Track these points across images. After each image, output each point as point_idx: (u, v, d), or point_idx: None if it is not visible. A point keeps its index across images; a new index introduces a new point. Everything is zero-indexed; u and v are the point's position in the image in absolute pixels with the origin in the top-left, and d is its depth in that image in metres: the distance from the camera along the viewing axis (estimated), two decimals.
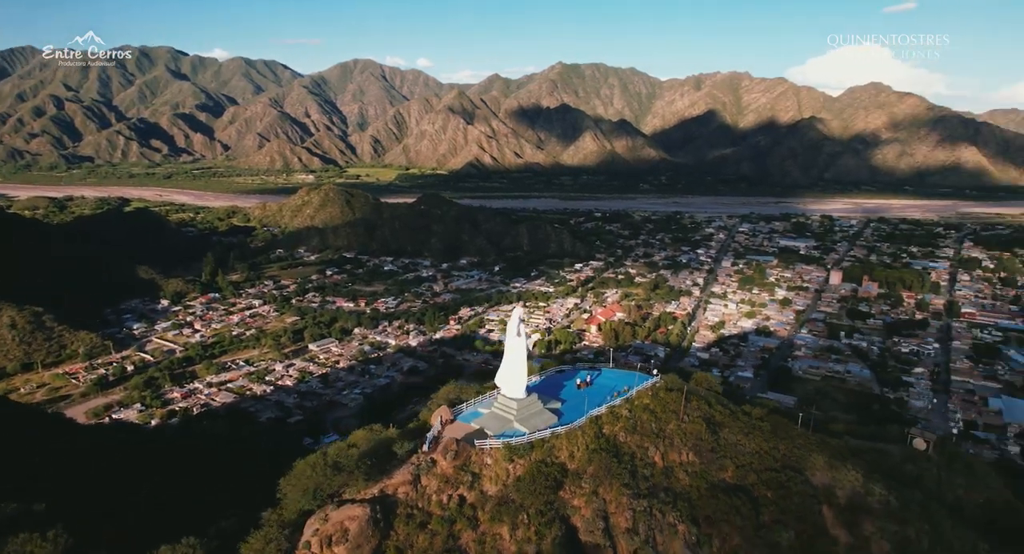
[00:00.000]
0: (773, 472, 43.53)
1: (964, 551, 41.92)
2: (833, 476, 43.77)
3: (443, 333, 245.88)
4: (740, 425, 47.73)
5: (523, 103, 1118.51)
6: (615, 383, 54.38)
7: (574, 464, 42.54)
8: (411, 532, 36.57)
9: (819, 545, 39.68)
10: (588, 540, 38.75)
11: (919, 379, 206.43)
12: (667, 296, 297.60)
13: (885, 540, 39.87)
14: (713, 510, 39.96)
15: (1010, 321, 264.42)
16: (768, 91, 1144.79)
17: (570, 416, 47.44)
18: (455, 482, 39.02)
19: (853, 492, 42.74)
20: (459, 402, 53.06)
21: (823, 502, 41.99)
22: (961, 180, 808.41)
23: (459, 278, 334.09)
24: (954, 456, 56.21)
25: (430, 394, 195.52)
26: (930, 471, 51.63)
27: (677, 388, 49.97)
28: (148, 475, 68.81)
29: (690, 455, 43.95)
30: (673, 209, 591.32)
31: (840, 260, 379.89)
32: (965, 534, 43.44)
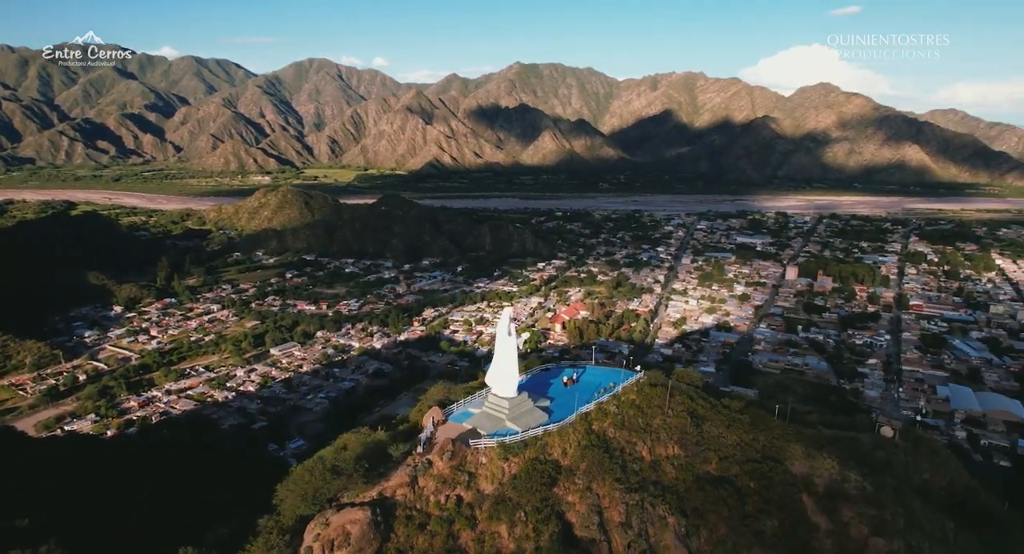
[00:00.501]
0: (755, 463, 44.59)
1: (934, 531, 43.70)
2: (811, 465, 45.10)
3: (407, 335, 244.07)
4: (721, 418, 48.76)
5: (482, 103, 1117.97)
6: (600, 380, 54.98)
7: (567, 461, 42.88)
8: (411, 533, 36.30)
9: (801, 532, 40.79)
10: (584, 535, 39.09)
11: (873, 370, 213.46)
12: (629, 294, 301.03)
13: (863, 524, 41.25)
14: (700, 502, 40.76)
15: (954, 312, 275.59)
16: (722, 91, 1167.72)
17: (560, 414, 47.72)
18: (452, 482, 38.95)
19: (830, 480, 44.12)
20: (448, 403, 52.76)
21: (803, 490, 43.19)
22: (906, 177, 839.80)
23: (422, 279, 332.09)
24: (919, 442, 58.55)
25: (396, 396, 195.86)
26: (898, 457, 53.70)
27: (661, 384, 50.76)
28: (130, 485, 66.70)
29: (676, 448, 44.72)
30: (632, 208, 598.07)
31: (795, 256, 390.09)
32: (934, 515, 45.30)
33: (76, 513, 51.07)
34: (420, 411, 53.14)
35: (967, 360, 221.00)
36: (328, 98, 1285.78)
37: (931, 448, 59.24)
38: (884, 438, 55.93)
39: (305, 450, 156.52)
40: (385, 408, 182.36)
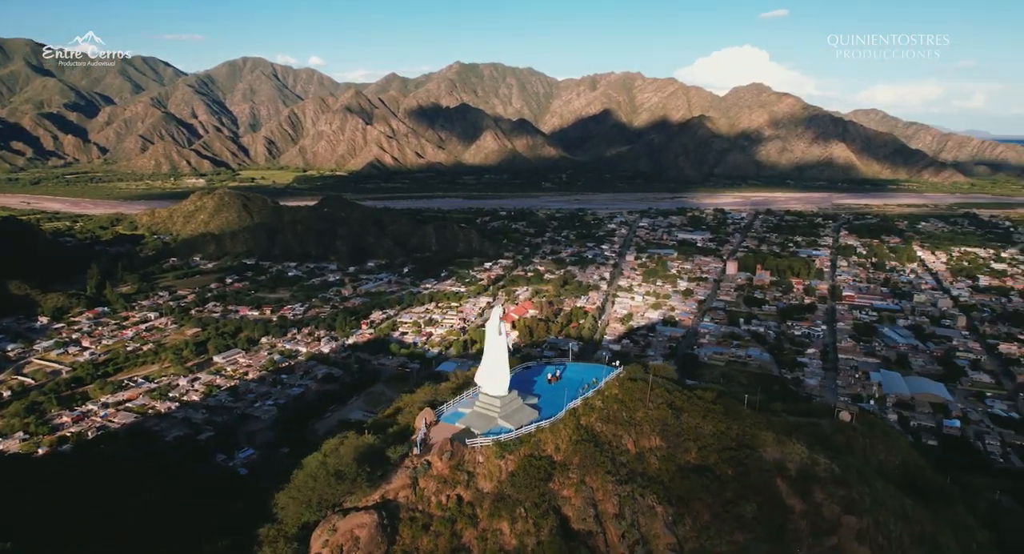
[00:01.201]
0: (731, 451, 46.26)
1: (895, 508, 46.44)
2: (782, 451, 47.11)
3: (356, 338, 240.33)
4: (697, 409, 50.35)
5: (422, 102, 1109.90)
6: (583, 376, 55.91)
7: (560, 456, 43.44)
8: (416, 534, 36.16)
9: (778, 514, 42.60)
10: (580, 527, 39.76)
11: (811, 359, 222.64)
12: (576, 291, 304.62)
13: (835, 504, 43.44)
14: (684, 490, 42.01)
15: (883, 302, 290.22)
16: (660, 91, 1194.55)
17: (548, 410, 48.33)
18: (452, 482, 39.00)
19: (801, 464, 46.19)
20: (434, 404, 52.51)
21: (777, 475, 45.07)
22: (834, 174, 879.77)
23: (368, 281, 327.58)
24: (873, 425, 61.93)
25: (347, 401, 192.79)
26: (856, 439, 56.69)
27: (639, 378, 52.00)
28: (74, 505, 63.44)
29: (658, 440, 45.91)
30: (575, 206, 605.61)
31: (734, 251, 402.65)
32: (894, 493, 48.09)
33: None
34: (413, 413, 52.71)
35: (895, 347, 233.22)
36: (264, 98, 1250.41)
37: (884, 430, 62.91)
38: (842, 422, 59.08)
39: (256, 459, 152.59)
40: (337, 413, 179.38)
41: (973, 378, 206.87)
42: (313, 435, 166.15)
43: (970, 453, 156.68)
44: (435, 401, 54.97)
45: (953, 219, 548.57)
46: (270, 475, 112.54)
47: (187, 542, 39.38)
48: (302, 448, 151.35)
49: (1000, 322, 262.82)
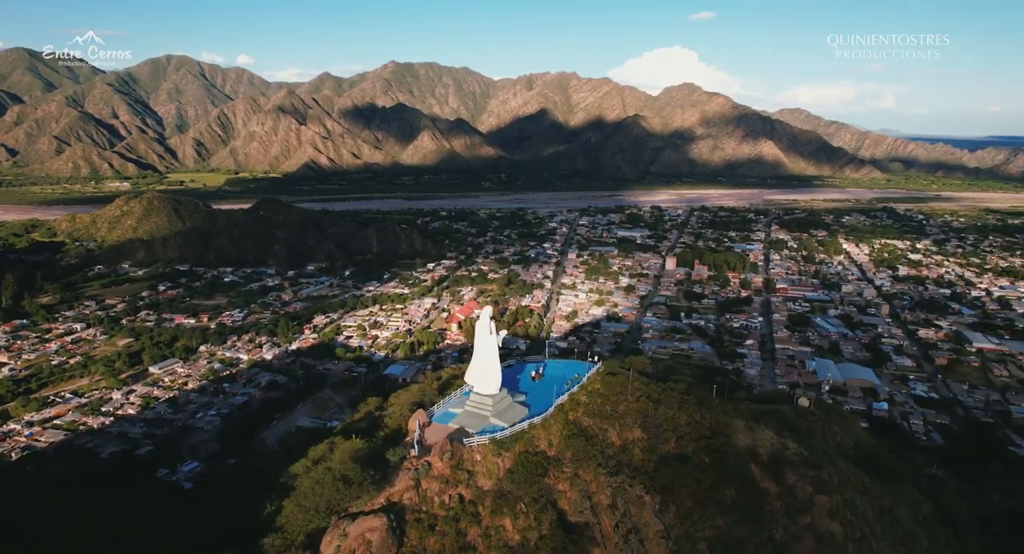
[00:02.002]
0: (707, 439, 47.84)
1: (858, 485, 49.16)
2: (753, 437, 49.05)
3: (299, 343, 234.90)
4: (673, 400, 51.76)
5: (357, 102, 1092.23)
6: (564, 372, 56.61)
7: (553, 451, 43.92)
8: (423, 535, 35.95)
9: (754, 497, 44.38)
10: (578, 520, 40.35)
11: (750, 350, 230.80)
12: (521, 290, 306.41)
13: (807, 484, 45.59)
14: (667, 479, 43.18)
15: (814, 293, 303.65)
16: (595, 90, 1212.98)
17: (537, 407, 48.78)
18: (453, 481, 38.93)
19: (772, 448, 48.23)
20: (421, 405, 52.00)
21: (751, 460, 46.90)
22: (763, 171, 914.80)
23: (308, 285, 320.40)
24: (830, 410, 65.15)
25: (294, 407, 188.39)
26: (816, 423, 59.57)
27: (617, 372, 53.09)
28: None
29: (639, 432, 47.02)
30: (516, 206, 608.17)
31: (673, 247, 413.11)
32: (855, 471, 50.83)
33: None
34: (403, 416, 52.05)
35: (827, 335, 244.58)
36: (191, 98, 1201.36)
37: (839, 414, 66.35)
38: (802, 408, 62.01)
39: (201, 472, 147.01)
40: (284, 421, 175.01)
41: (897, 363, 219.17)
42: (260, 444, 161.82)
43: (897, 433, 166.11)
44: (420, 402, 54.58)
45: (873, 213, 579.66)
46: (219, 487, 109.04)
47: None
48: (250, 458, 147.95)
49: (918, 309, 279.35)
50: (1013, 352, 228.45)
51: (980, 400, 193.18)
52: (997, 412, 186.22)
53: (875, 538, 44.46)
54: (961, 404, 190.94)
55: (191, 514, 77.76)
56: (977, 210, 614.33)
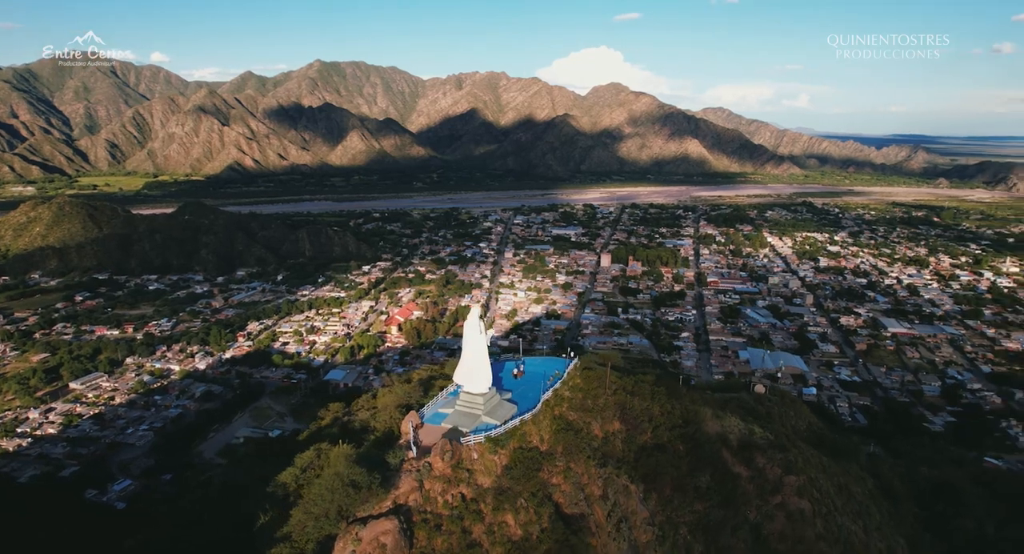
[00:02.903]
0: (679, 428, 49.40)
1: (818, 465, 51.96)
2: (722, 424, 51.00)
3: (234, 352, 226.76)
4: (645, 392, 53.12)
5: (282, 102, 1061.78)
6: (544, 369, 57.02)
7: (544, 446, 44.24)
8: (431, 535, 35.63)
9: (727, 482, 46.17)
10: (573, 511, 40.83)
11: (686, 342, 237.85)
12: (459, 290, 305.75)
13: (775, 466, 47.73)
14: (648, 468, 44.32)
15: (743, 285, 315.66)
16: (524, 90, 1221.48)
17: (524, 404, 49.04)
18: (455, 481, 38.77)
19: (741, 434, 50.28)
20: (408, 407, 51.30)
21: (722, 446, 48.74)
22: (689, 168, 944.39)
23: (240, 291, 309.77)
24: (783, 396, 68.33)
25: (232, 418, 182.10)
26: (774, 409, 62.41)
27: (592, 366, 54.03)
28: None
29: (618, 424, 48.02)
30: (449, 205, 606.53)
31: (606, 244, 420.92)
32: (813, 452, 53.69)
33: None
34: (394, 418, 51.18)
35: (758, 326, 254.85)
36: (101, 97, 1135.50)
37: (791, 399, 69.78)
38: (758, 395, 64.92)
39: (135, 490, 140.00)
40: (222, 432, 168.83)
41: (823, 349, 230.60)
42: (199, 458, 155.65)
43: (826, 416, 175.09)
44: (407, 404, 54.05)
45: (793, 207, 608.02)
46: (159, 505, 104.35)
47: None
48: (187, 473, 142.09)
49: (839, 298, 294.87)
50: (923, 335, 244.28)
51: (896, 381, 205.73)
52: (911, 392, 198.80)
53: (838, 513, 47.23)
54: (880, 385, 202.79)
55: (134, 533, 74.37)
56: (885, 203, 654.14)
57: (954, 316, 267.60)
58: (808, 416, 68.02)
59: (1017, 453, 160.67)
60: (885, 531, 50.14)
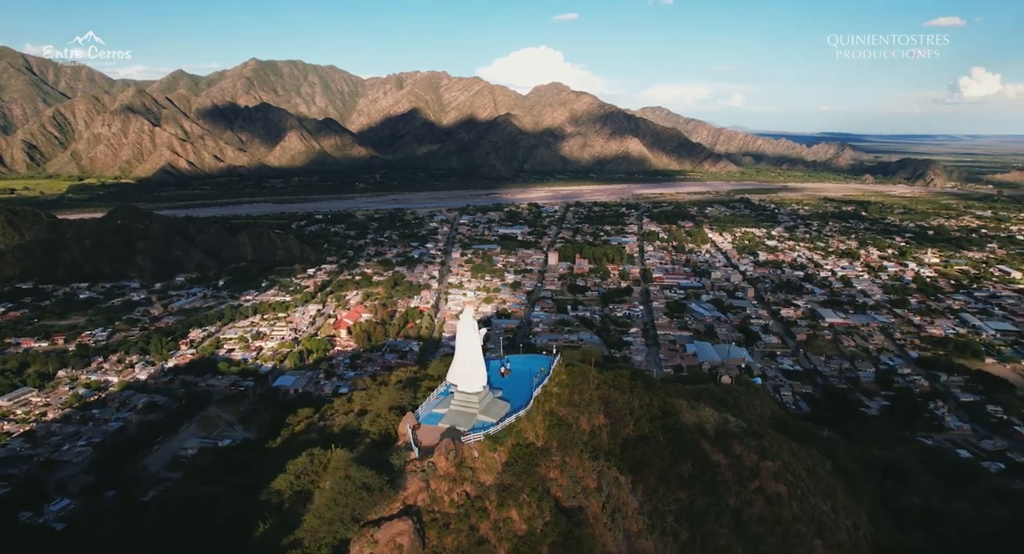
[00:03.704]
0: (659, 420, 50.50)
1: (790, 450, 53.99)
2: (697, 415, 52.41)
3: (176, 360, 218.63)
4: (624, 386, 54.06)
5: (217, 102, 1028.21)
6: (530, 366, 57.07)
7: (540, 441, 44.41)
8: (440, 534, 35.28)
9: (707, 469, 47.52)
10: (571, 504, 41.15)
11: (635, 337, 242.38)
12: (408, 292, 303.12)
13: (752, 453, 49.35)
14: (634, 460, 45.21)
15: (687, 280, 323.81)
16: (466, 89, 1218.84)
17: (516, 401, 48.99)
18: (459, 479, 38.48)
19: (716, 423, 51.79)
20: (401, 409, 50.48)
21: (700, 436, 50.07)
22: (630, 166, 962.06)
23: (179, 298, 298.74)
24: (748, 385, 70.65)
25: (178, 428, 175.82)
26: (740, 398, 64.42)
27: (573, 363, 54.55)
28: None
29: (603, 418, 48.75)
30: (393, 206, 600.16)
31: (553, 242, 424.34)
32: (784, 439, 55.79)
33: None
34: (390, 420, 50.15)
35: (703, 320, 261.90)
36: (16, 95, 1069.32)
37: (755, 389, 72.29)
38: (725, 385, 66.95)
39: (74, 509, 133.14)
40: (168, 444, 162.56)
41: (766, 341, 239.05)
42: (144, 472, 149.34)
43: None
44: (399, 405, 53.33)
45: (732, 204, 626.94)
46: (103, 523, 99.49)
47: None
48: (132, 488, 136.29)
49: (779, 291, 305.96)
50: (857, 324, 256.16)
51: (835, 369, 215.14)
52: (848, 378, 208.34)
53: (811, 494, 49.31)
54: (820, 374, 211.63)
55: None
56: (817, 199, 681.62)
57: (884, 305, 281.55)
58: (771, 404, 70.82)
59: (944, 432, 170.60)
60: (850, 509, 52.66)
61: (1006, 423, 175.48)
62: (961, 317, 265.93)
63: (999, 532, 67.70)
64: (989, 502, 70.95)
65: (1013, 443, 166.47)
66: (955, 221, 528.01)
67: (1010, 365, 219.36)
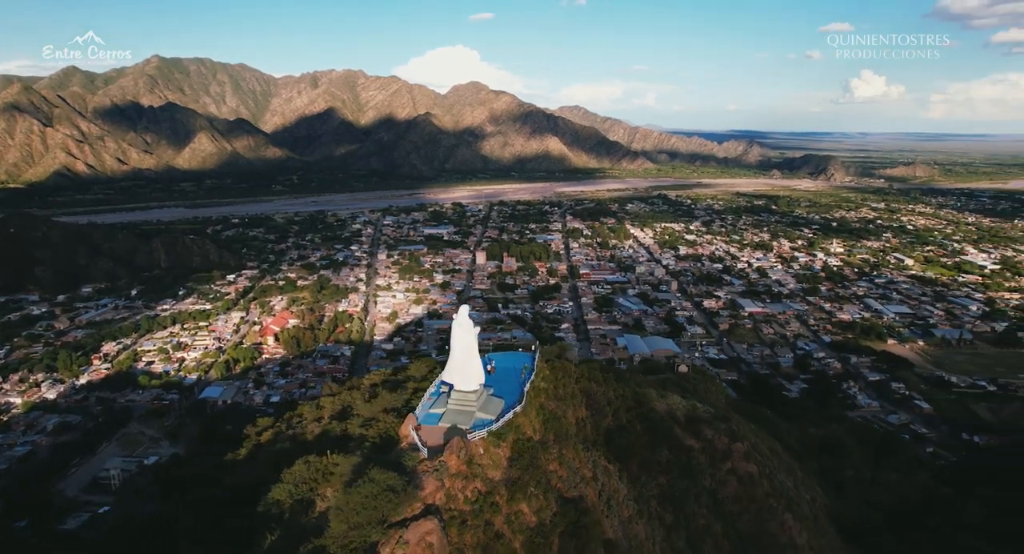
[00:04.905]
0: (634, 410, 51.94)
1: (750, 430, 56.72)
2: (667, 403, 54.18)
3: (90, 376, 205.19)
4: (599, 379, 55.19)
5: (117, 101, 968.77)
6: (511, 363, 56.89)
7: (537, 435, 44.45)
8: (460, 531, 34.86)
9: (683, 454, 49.28)
10: (572, 495, 41.51)
11: (567, 333, 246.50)
12: (335, 295, 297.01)
13: (723, 436, 51.51)
14: (619, 449, 46.29)
15: (613, 275, 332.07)
16: (384, 88, 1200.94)
17: (510, 398, 48.79)
18: (470, 477, 38.06)
19: (686, 410, 53.72)
20: (396, 411, 49.25)
21: (672, 423, 51.77)
22: (551, 165, 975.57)
23: (88, 310, 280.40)
24: (703, 374, 73.56)
25: (97, 448, 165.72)
26: (699, 385, 67.02)
27: (551, 358, 55.08)
28: None
29: (585, 410, 49.57)
30: (314, 208, 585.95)
31: (479, 242, 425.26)
32: (744, 421, 58.57)
33: None
34: (389, 423, 48.76)
35: (631, 313, 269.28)
36: None
37: (708, 376, 75.34)
38: (682, 374, 69.46)
39: None
40: (85, 466, 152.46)
41: (691, 331, 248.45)
42: (60, 497, 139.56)
43: None
44: (394, 409, 52.26)
45: (650, 200, 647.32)
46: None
47: None
48: (46, 515, 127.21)
49: (700, 283, 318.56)
50: (774, 313, 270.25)
51: (757, 356, 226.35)
52: (770, 364, 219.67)
53: (777, 472, 52.10)
54: (743, 361, 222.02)
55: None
56: (730, 194, 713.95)
57: (798, 294, 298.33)
58: (724, 390, 74.30)
59: (856, 410, 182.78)
60: (807, 484, 56.07)
61: (908, 398, 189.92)
62: (865, 302, 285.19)
63: (923, 498, 73.86)
64: (912, 470, 77.16)
65: (915, 416, 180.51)
66: (854, 213, 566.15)
67: (908, 345, 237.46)
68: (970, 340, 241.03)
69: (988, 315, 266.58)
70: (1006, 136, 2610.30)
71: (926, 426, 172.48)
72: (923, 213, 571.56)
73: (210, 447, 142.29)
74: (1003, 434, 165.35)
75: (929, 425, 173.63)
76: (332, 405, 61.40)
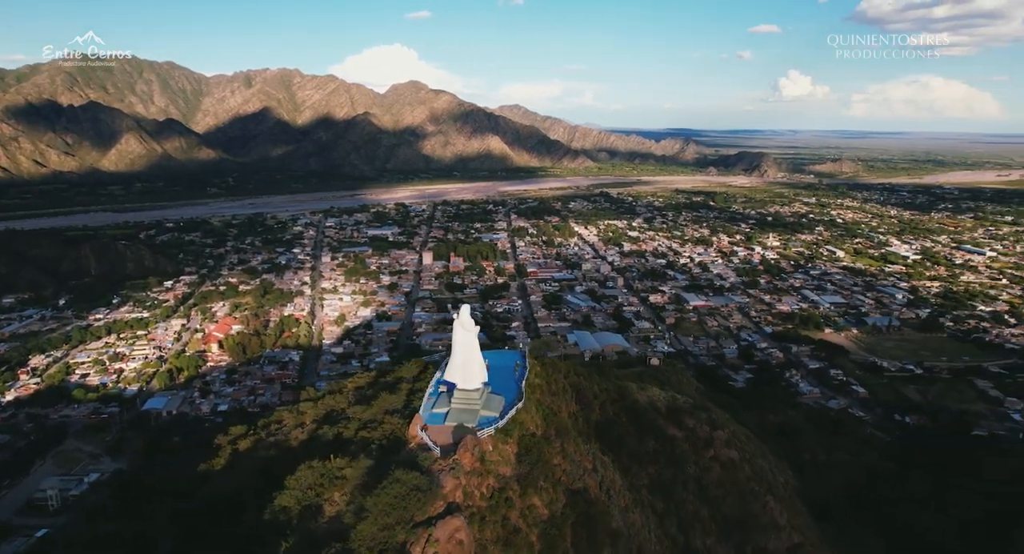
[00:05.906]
0: (619, 403, 52.93)
1: (728, 419, 58.66)
2: (647, 394, 55.42)
3: (18, 392, 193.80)
4: (583, 374, 55.90)
5: (33, 99, 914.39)
6: (502, 361, 56.79)
7: (539, 430, 44.55)
8: (481, 528, 34.74)
9: (667, 444, 50.57)
10: (576, 487, 41.88)
11: (518, 331, 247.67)
12: (280, 299, 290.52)
13: (704, 425, 53.09)
14: (611, 442, 47.07)
15: (560, 273, 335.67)
16: (321, 88, 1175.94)
17: (509, 396, 48.68)
18: (484, 474, 37.96)
19: (667, 401, 55.03)
20: (398, 412, 48.23)
21: (655, 414, 52.98)
22: (493, 164, 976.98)
23: (11, 322, 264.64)
24: (673, 365, 75.38)
25: (30, 468, 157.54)
26: (671, 377, 68.72)
27: (538, 355, 55.34)
28: None
29: (575, 404, 50.12)
30: (252, 211, 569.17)
31: (425, 242, 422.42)
32: (720, 410, 60.52)
33: None
34: (397, 425, 47.66)
35: (579, 310, 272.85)
36: None
37: (677, 368, 77.35)
38: (654, 366, 71.14)
39: None
40: (19, 487, 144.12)
41: (639, 326, 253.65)
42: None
43: None
44: (393, 410, 51.36)
45: (592, 198, 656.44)
46: None
47: None
48: None
49: (645, 278, 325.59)
50: (717, 306, 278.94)
51: (703, 348, 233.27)
52: (716, 355, 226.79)
53: (756, 457, 54.14)
54: (691, 353, 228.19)
55: None
56: (670, 191, 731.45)
57: (739, 287, 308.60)
58: (693, 381, 76.62)
59: (800, 396, 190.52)
60: (780, 467, 58.52)
61: (846, 384, 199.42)
62: (802, 293, 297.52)
63: (871, 475, 78.09)
64: (861, 450, 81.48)
65: (852, 401, 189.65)
66: (788, 208, 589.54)
67: (843, 333, 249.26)
68: (898, 327, 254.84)
69: (912, 303, 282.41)
70: (920, 134, 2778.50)
71: (863, 409, 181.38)
72: (851, 207, 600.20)
73: (155, 460, 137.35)
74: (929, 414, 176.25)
75: (865, 408, 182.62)
76: (314, 410, 60.33)
